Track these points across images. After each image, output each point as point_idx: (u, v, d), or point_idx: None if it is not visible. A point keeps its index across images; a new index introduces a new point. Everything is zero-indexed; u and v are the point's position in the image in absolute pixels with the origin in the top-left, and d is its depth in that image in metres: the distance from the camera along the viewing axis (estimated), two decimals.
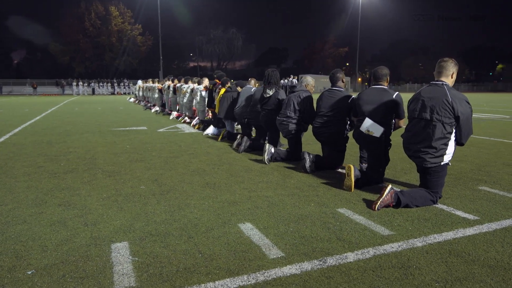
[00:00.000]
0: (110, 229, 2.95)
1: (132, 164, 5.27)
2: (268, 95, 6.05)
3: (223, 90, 8.43)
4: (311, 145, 6.75)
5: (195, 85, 11.39)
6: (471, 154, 5.99)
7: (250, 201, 3.66)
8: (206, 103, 10.14)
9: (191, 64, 79.05)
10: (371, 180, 4.18)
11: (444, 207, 3.49)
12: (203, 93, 10.50)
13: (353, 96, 4.79)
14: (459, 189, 4.07)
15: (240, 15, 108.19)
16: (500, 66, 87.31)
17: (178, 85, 12.75)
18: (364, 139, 4.23)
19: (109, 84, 47.94)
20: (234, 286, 2.14)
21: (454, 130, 3.41)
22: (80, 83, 45.10)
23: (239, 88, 8.38)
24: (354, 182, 3.97)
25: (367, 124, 4.13)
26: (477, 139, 7.43)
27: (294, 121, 5.39)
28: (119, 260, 2.45)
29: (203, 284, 2.16)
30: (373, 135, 4.10)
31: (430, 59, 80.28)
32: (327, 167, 4.93)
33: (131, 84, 48.93)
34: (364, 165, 4.76)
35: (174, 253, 2.55)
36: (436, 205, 3.52)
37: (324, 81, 45.70)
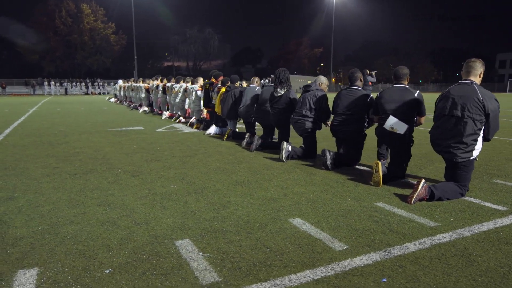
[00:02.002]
0: (164, 227, 2.96)
1: (150, 164, 5.23)
2: (279, 94, 6.14)
3: (223, 89, 8.45)
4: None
5: (188, 85, 11.34)
6: None
7: (287, 197, 3.74)
8: (202, 103, 10.12)
9: (166, 64, 78.09)
10: (395, 175, 4.34)
11: (472, 199, 3.70)
12: (199, 92, 10.47)
13: (371, 95, 4.96)
14: (477, 182, 4.30)
15: (215, 15, 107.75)
16: None
17: (169, 84, 12.64)
18: (388, 137, 4.38)
19: (83, 84, 46.58)
20: (316, 277, 2.22)
21: (483, 127, 3.61)
22: (52, 82, 43.61)
23: (237, 84, 8.42)
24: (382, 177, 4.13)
25: (391, 122, 4.29)
26: None
27: (310, 119, 5.51)
28: (191, 256, 2.47)
29: (286, 276, 2.22)
30: (397, 132, 4.27)
31: (400, 60, 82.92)
32: (346, 164, 5.07)
33: (105, 84, 47.80)
34: (382, 162, 4.93)
35: (241, 248, 2.59)
36: (465, 198, 3.72)
37: (300, 81, 46.11)
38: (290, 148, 5.44)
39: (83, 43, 56.89)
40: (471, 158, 3.65)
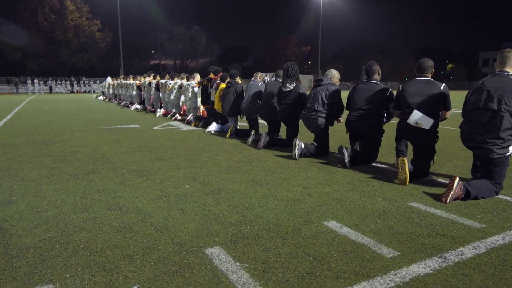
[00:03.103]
0: (188, 233, 2.65)
1: (155, 163, 4.89)
2: (288, 89, 5.87)
3: (223, 85, 8.14)
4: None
5: (184, 81, 10.98)
6: None
7: (313, 198, 3.47)
8: (200, 100, 9.78)
9: (152, 62, 76.98)
10: (420, 173, 4.12)
11: (508, 198, 3.49)
12: (196, 89, 10.13)
13: (390, 89, 4.73)
14: (506, 179, 4.10)
15: (203, 12, 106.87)
16: (450, 65, 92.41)
17: (162, 81, 12.24)
18: (412, 132, 4.15)
19: (67, 82, 45.45)
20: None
21: None
22: (36, 80, 42.39)
23: (238, 79, 8.13)
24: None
25: (416, 116, 4.06)
26: None
27: (323, 115, 5.25)
28: (227, 267, 2.18)
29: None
30: (422, 127, 4.04)
31: (386, 58, 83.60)
32: (362, 162, 4.83)
33: (91, 82, 46.80)
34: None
35: (281, 256, 2.31)
36: (499, 196, 3.52)
37: None
38: (302, 145, 5.17)
39: (67, 40, 55.62)
40: (507, 154, 3.44)
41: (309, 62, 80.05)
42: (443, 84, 4.11)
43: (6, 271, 2.13)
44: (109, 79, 22.28)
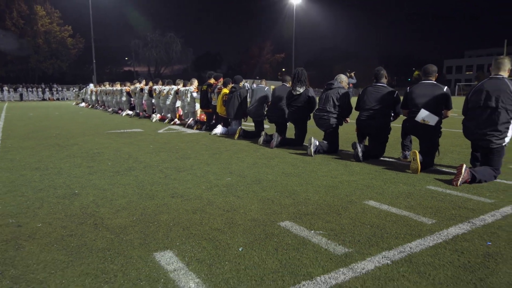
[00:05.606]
0: (255, 212, 3.10)
1: (185, 161, 5.28)
2: (298, 93, 6.41)
3: (225, 90, 8.60)
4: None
5: (180, 87, 11.34)
6: None
7: (344, 185, 3.99)
8: (199, 104, 10.17)
9: (125, 69, 76.08)
10: (426, 164, 4.73)
11: (505, 181, 4.15)
12: (194, 94, 10.52)
13: (397, 91, 5.36)
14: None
15: (177, 19, 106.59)
16: (416, 72, 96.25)
17: (156, 87, 12.54)
18: (419, 129, 4.77)
19: (39, 89, 44.29)
20: (431, 244, 2.48)
21: None
22: (5, 88, 41.08)
23: (244, 83, 8.62)
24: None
25: (423, 114, 4.69)
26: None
27: (335, 115, 5.82)
28: (305, 234, 2.65)
29: (405, 245, 2.46)
30: (429, 124, 4.67)
31: (357, 65, 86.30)
32: (372, 156, 5.41)
33: (64, 90, 45.84)
34: (407, 153, 5.33)
35: (343, 226, 2.81)
36: (497, 180, 4.17)
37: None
38: (317, 143, 5.70)
39: (37, 47, 54.25)
40: (503, 144, 4.10)
41: (283, 69, 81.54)
42: (446, 87, 4.76)
43: (122, 242, 2.51)
44: (91, 86, 22.16)
